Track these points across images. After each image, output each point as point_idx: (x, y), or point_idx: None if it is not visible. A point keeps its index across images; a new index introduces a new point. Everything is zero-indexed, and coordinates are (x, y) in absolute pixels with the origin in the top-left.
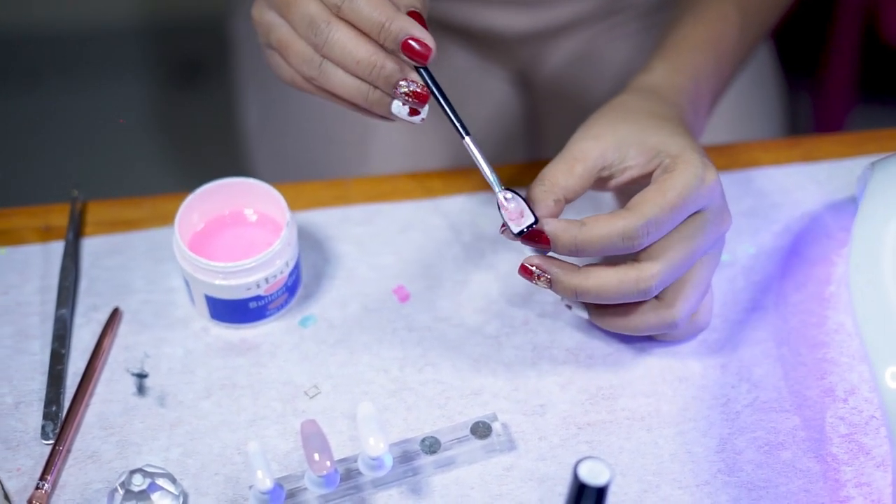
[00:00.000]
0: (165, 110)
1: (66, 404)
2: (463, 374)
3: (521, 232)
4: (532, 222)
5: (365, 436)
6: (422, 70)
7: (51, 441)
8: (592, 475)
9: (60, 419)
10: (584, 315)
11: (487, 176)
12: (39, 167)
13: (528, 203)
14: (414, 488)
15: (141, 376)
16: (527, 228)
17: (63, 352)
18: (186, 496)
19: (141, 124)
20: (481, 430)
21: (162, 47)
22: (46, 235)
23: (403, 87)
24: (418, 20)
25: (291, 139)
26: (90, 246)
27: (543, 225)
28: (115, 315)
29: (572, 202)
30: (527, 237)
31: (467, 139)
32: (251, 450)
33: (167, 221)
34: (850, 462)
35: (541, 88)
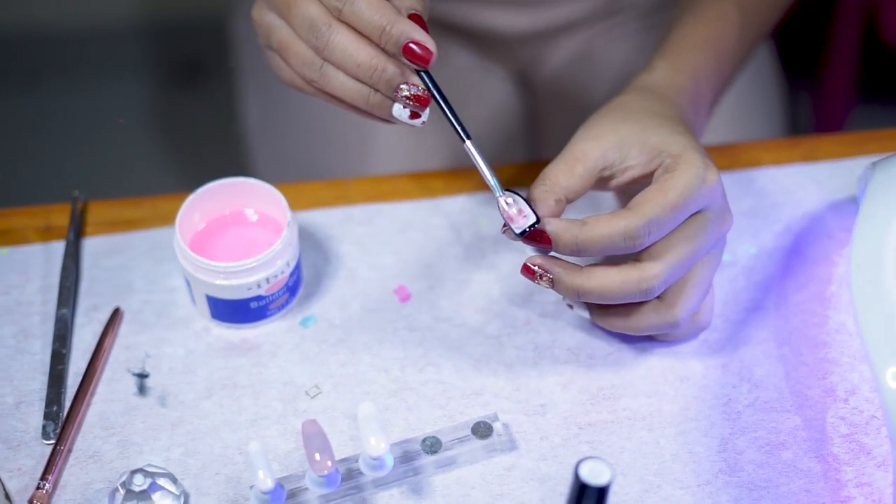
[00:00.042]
0: (165, 110)
1: (67, 404)
2: (464, 374)
3: (524, 232)
4: (534, 222)
5: (366, 436)
6: (423, 73)
7: (52, 441)
8: (593, 475)
9: (61, 419)
10: (586, 315)
11: (488, 180)
12: (40, 167)
13: (530, 203)
14: (415, 488)
15: (142, 376)
16: (529, 228)
17: (64, 352)
18: (187, 496)
19: (141, 124)
20: (482, 430)
21: (162, 47)
22: (47, 235)
23: (404, 91)
24: (419, 23)
25: (291, 139)
26: (91, 246)
27: (545, 225)
28: (116, 315)
29: (573, 202)
30: (528, 237)
31: (468, 143)
32: (252, 450)
33: (168, 221)
34: (851, 462)
35: (541, 88)
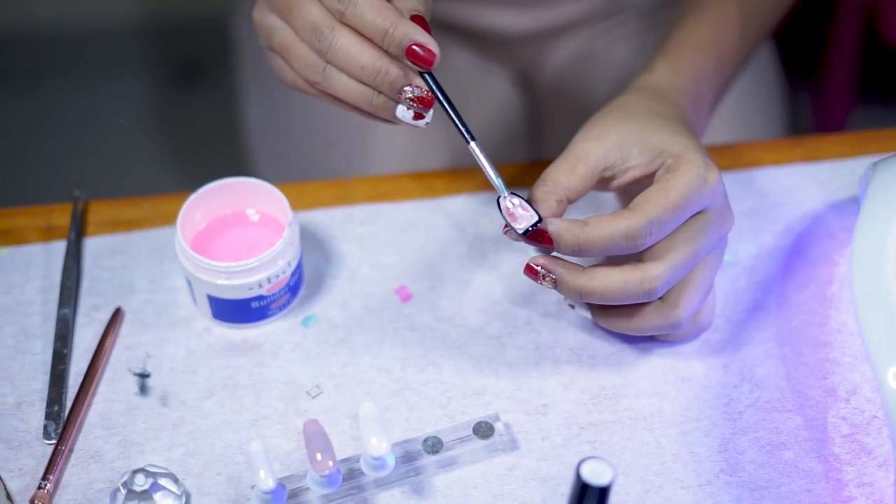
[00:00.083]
0: (166, 110)
1: (69, 404)
2: (465, 374)
3: (526, 232)
4: (536, 221)
5: (367, 436)
6: (426, 75)
7: (53, 441)
8: (595, 475)
9: (62, 419)
10: (587, 315)
11: (493, 180)
12: (41, 167)
13: (531, 203)
14: (416, 488)
15: (143, 376)
16: (531, 228)
17: (65, 351)
18: (189, 496)
19: (142, 124)
20: (483, 430)
21: (162, 47)
22: (48, 235)
23: (408, 93)
24: (421, 24)
25: (292, 139)
26: (92, 245)
27: (547, 225)
28: (117, 315)
29: (575, 202)
30: (530, 237)
31: (472, 144)
32: (253, 449)
33: (169, 221)
34: (853, 462)
35: (542, 88)
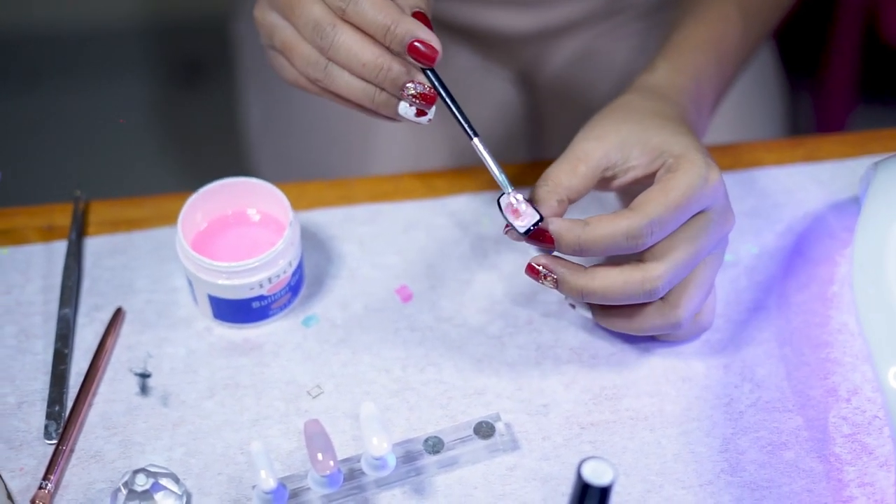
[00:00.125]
0: (167, 110)
1: (69, 404)
2: (466, 374)
3: (527, 231)
4: (537, 220)
5: (368, 436)
6: (428, 71)
7: (54, 441)
8: (596, 475)
9: (63, 419)
10: (588, 315)
11: (497, 176)
12: (42, 167)
13: (532, 203)
14: (417, 488)
15: (144, 376)
16: (532, 227)
17: (66, 351)
18: (190, 496)
19: (142, 124)
20: (484, 430)
21: (163, 47)
22: (49, 235)
23: (410, 89)
24: (423, 21)
25: (293, 139)
26: (93, 245)
27: (548, 224)
28: (118, 315)
29: (576, 202)
30: (531, 237)
31: (476, 140)
32: (254, 449)
33: (170, 221)
34: (854, 462)
35: (543, 88)
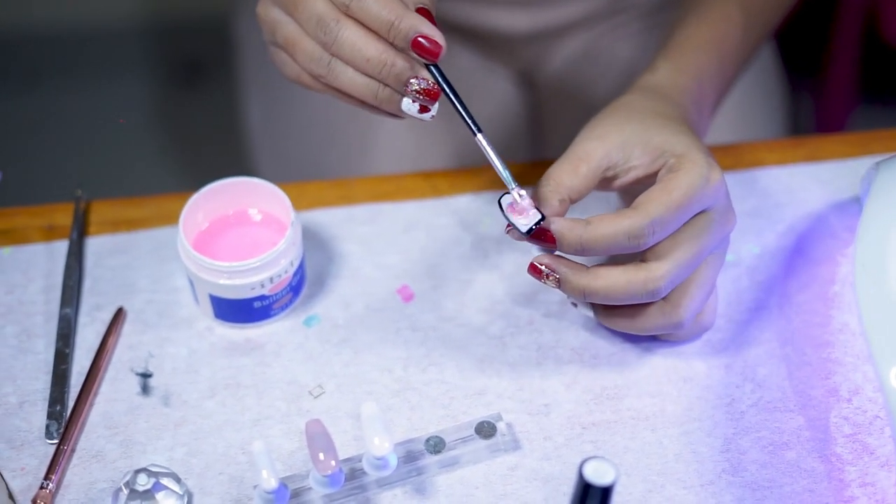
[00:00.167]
0: (167, 110)
1: (71, 404)
2: (467, 374)
3: (529, 230)
4: (539, 220)
5: (370, 435)
6: (432, 67)
7: (55, 440)
8: (597, 475)
9: (65, 419)
10: (590, 314)
11: (501, 173)
12: (42, 167)
13: (534, 202)
14: (418, 488)
15: (145, 376)
16: (534, 226)
17: (67, 351)
18: (191, 496)
19: (143, 124)
20: (486, 430)
21: (163, 47)
22: (50, 235)
23: (414, 85)
24: (427, 17)
25: (294, 138)
26: (94, 245)
27: (549, 224)
28: (120, 314)
29: (577, 202)
30: (533, 236)
31: (479, 136)
32: (256, 449)
33: (171, 221)
34: (855, 462)
35: (544, 88)
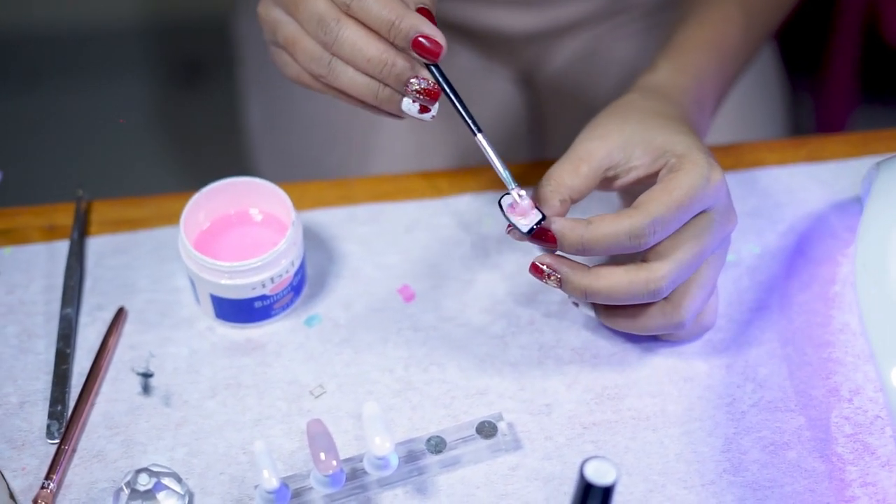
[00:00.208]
0: (168, 110)
1: (72, 404)
2: (468, 374)
3: (530, 230)
4: (540, 219)
5: (371, 435)
6: (432, 67)
7: (56, 440)
8: (599, 475)
9: (66, 418)
10: (591, 314)
11: (500, 173)
12: (43, 167)
13: (535, 202)
14: (419, 488)
15: (146, 376)
16: (535, 226)
17: (68, 351)
18: (192, 496)
19: (143, 124)
20: (487, 430)
21: (164, 47)
22: (51, 235)
23: (414, 85)
24: (428, 17)
25: (294, 139)
26: (95, 245)
27: (550, 223)
28: (121, 314)
29: (578, 202)
30: (534, 236)
31: (479, 136)
32: (257, 449)
33: (172, 221)
34: (856, 462)
35: (545, 88)
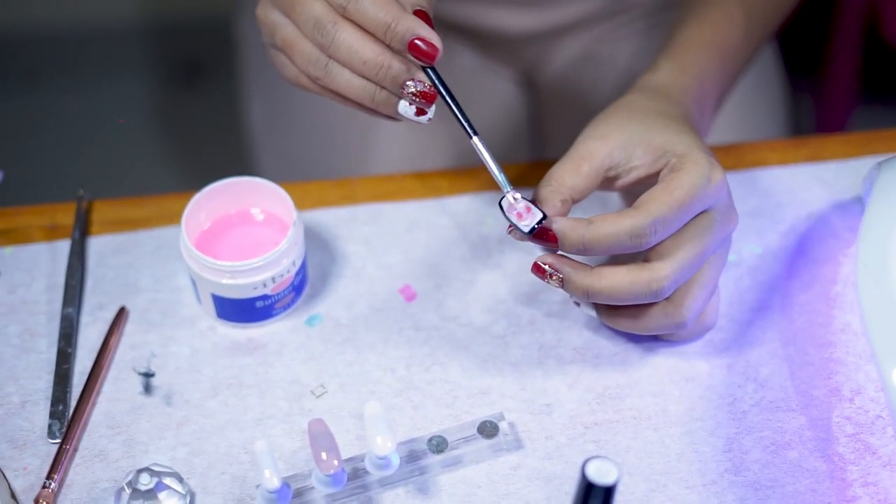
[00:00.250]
0: (169, 110)
1: (73, 403)
2: (470, 374)
3: (532, 230)
4: (541, 218)
5: (372, 435)
6: (429, 70)
7: (57, 440)
8: (600, 474)
9: (67, 418)
10: (593, 313)
11: (496, 175)
12: (43, 167)
13: (535, 202)
14: (421, 487)
15: (147, 375)
16: (536, 225)
17: (70, 350)
18: (193, 495)
19: (143, 124)
20: (488, 430)
21: (165, 47)
22: (53, 234)
23: (410, 88)
24: (424, 19)
25: (295, 139)
26: (96, 245)
27: (551, 223)
28: (122, 314)
29: (579, 202)
30: (535, 235)
31: (475, 139)
32: (258, 449)
33: (173, 221)
34: (857, 462)
35: (545, 88)
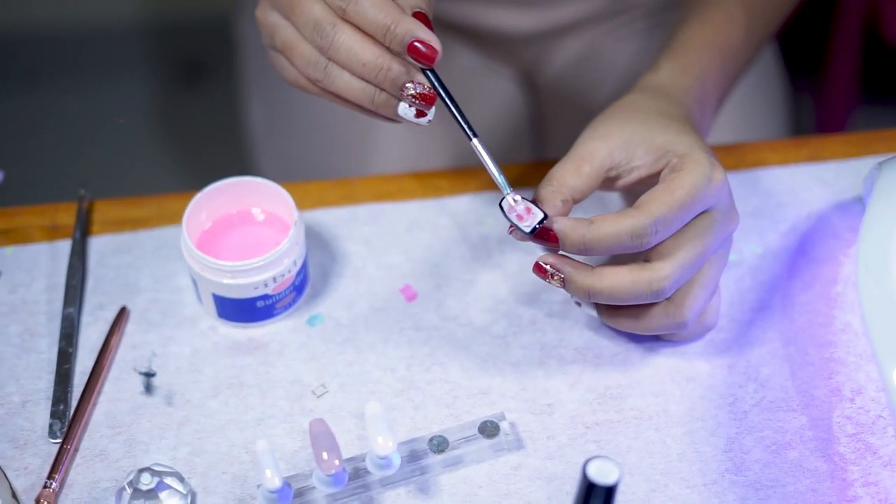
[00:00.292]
0: (169, 110)
1: (74, 403)
2: (470, 374)
3: (533, 230)
4: (542, 218)
5: (373, 435)
6: (428, 72)
7: (58, 440)
8: (601, 474)
9: (68, 418)
10: (594, 313)
11: (496, 177)
12: (44, 167)
13: (535, 202)
14: (422, 487)
15: (148, 375)
16: (537, 226)
17: (70, 350)
18: (194, 495)
19: (143, 124)
20: (489, 430)
21: (165, 47)
22: (53, 234)
23: (410, 90)
24: (424, 21)
25: (295, 139)
26: (97, 244)
27: (552, 223)
28: (123, 314)
29: (580, 202)
30: (536, 235)
31: (475, 141)
32: (259, 448)
33: (174, 220)
34: (858, 461)
35: (546, 88)
